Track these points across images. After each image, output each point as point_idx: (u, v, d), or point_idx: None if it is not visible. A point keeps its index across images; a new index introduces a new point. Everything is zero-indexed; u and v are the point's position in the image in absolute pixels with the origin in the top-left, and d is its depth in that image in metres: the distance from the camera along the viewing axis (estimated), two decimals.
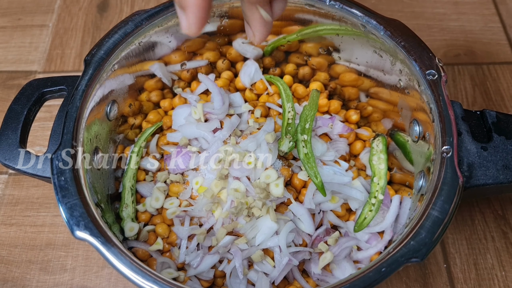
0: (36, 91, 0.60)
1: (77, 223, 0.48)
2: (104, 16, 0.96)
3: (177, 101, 0.71)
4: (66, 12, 0.97)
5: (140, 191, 0.66)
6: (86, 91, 0.57)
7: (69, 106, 0.55)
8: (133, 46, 0.62)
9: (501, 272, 0.68)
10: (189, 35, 0.41)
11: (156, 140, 0.69)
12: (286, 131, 0.65)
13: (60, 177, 0.50)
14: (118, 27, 0.61)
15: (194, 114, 0.67)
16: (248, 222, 0.58)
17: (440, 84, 0.55)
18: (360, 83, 0.70)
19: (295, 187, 0.64)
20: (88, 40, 0.93)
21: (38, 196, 0.76)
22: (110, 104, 0.63)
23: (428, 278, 0.68)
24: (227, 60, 0.74)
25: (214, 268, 0.59)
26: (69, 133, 0.53)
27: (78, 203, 0.49)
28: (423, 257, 0.45)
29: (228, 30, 0.70)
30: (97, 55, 0.59)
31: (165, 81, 0.72)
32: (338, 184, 0.63)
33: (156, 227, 0.63)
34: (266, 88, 0.73)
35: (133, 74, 0.66)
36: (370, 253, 0.61)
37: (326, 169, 0.63)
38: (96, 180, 0.58)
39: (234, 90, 0.74)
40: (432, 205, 0.48)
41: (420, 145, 0.58)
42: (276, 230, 0.58)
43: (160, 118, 0.71)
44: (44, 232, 0.72)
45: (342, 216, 0.64)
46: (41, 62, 0.90)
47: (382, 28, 0.59)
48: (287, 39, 0.71)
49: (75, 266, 0.69)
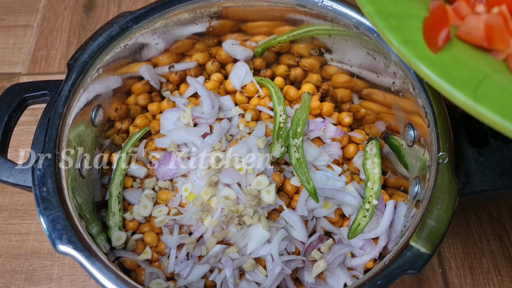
0: (18, 97, 0.57)
1: (59, 237, 0.46)
2: (91, 16, 0.94)
3: (165, 105, 0.69)
4: (51, 12, 0.94)
5: (128, 199, 0.63)
6: (69, 97, 0.54)
7: (52, 113, 0.53)
8: (118, 49, 0.60)
9: (497, 277, 0.67)
10: None
11: (143, 145, 0.66)
12: (277, 135, 0.63)
13: (42, 188, 0.48)
14: (102, 29, 0.59)
15: (182, 119, 0.65)
16: (239, 230, 0.56)
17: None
18: (353, 84, 0.69)
19: (287, 193, 0.62)
20: (74, 41, 0.90)
21: (22, 203, 0.73)
22: (95, 109, 0.60)
23: (423, 283, 0.66)
24: (217, 62, 0.72)
25: (204, 278, 0.57)
26: (51, 141, 0.51)
27: (61, 215, 0.47)
28: (419, 269, 0.43)
29: (218, 31, 0.68)
30: (80, 59, 0.57)
31: (153, 84, 0.70)
32: (331, 190, 0.61)
33: (144, 235, 0.61)
34: (257, 90, 0.71)
35: (120, 76, 0.64)
36: (365, 260, 0.59)
37: (319, 174, 0.62)
38: (81, 189, 0.56)
39: (224, 93, 0.72)
40: (428, 214, 0.46)
41: (415, 150, 0.57)
42: (268, 238, 0.56)
43: (148, 122, 0.69)
44: (29, 241, 0.70)
45: (335, 222, 0.63)
46: (25, 64, 0.87)
47: (375, 29, 0.58)
48: (278, 40, 0.69)
49: (61, 275, 0.67)
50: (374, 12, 0.41)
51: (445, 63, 0.38)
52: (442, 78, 0.36)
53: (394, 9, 0.41)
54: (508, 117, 0.33)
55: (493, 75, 0.37)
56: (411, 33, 0.40)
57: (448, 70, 0.37)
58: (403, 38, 0.39)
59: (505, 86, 0.36)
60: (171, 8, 0.61)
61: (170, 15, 0.61)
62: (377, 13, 0.41)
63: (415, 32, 0.40)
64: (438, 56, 0.38)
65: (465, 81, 0.36)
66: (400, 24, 0.40)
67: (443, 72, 0.37)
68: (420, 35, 0.40)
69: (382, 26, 0.40)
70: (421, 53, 0.38)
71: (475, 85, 0.35)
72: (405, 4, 0.42)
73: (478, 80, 0.36)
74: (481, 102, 0.34)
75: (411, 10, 0.42)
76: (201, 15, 0.64)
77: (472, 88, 0.35)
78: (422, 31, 0.41)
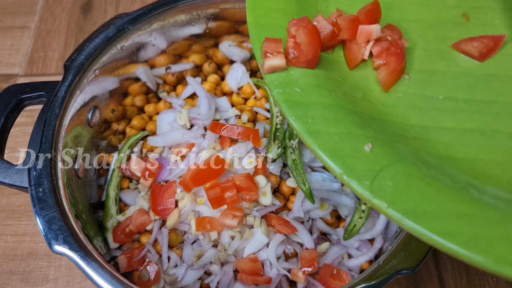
0: (14, 98, 0.57)
1: (55, 237, 0.46)
2: (88, 17, 0.94)
3: (162, 106, 0.69)
4: (48, 13, 0.94)
5: (124, 200, 0.64)
6: (65, 98, 0.55)
7: (48, 114, 0.53)
8: (115, 50, 0.60)
9: (492, 278, 0.67)
10: None
11: (140, 147, 0.67)
12: (274, 136, 0.63)
13: (38, 189, 0.48)
14: (99, 31, 0.59)
15: (179, 120, 0.65)
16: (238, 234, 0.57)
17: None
18: None
19: (283, 194, 0.62)
20: (72, 42, 0.90)
21: (19, 204, 0.73)
22: (91, 110, 0.61)
23: (419, 284, 0.66)
24: (214, 63, 0.73)
25: (200, 279, 0.57)
26: (47, 142, 0.51)
27: (57, 215, 0.47)
28: (414, 269, 0.44)
29: (215, 32, 0.69)
30: (77, 60, 0.57)
31: (149, 85, 0.70)
32: (327, 191, 0.61)
33: (140, 236, 0.61)
34: (254, 92, 0.71)
35: (117, 77, 0.64)
36: (361, 261, 0.60)
37: (315, 176, 0.62)
38: (77, 190, 0.56)
39: (220, 94, 0.73)
40: None
41: None
42: (266, 243, 0.56)
43: (145, 123, 0.69)
44: (26, 242, 0.70)
45: (331, 223, 0.63)
46: (22, 65, 0.88)
47: None
48: None
49: (57, 276, 0.67)
50: (283, 101, 0.41)
51: (345, 155, 0.38)
52: (343, 170, 0.37)
53: (301, 98, 0.41)
54: (402, 212, 0.35)
55: (391, 165, 0.38)
56: (315, 123, 0.40)
57: (348, 162, 0.38)
58: (307, 128, 0.39)
59: (400, 178, 0.37)
60: (167, 9, 0.61)
61: (167, 16, 0.62)
62: (286, 102, 0.41)
63: (319, 122, 0.40)
64: (339, 146, 0.39)
65: (363, 174, 0.37)
66: (306, 113, 0.40)
67: (343, 164, 0.38)
68: (323, 125, 0.40)
69: (289, 115, 0.40)
70: (323, 144, 0.39)
71: (372, 177, 0.37)
72: (312, 92, 0.42)
73: (375, 171, 0.37)
74: (376, 194, 0.36)
75: (317, 98, 0.42)
76: (198, 17, 0.65)
77: (370, 180, 0.37)
78: (324, 121, 0.41)
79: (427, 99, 0.45)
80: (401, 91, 0.45)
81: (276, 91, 0.42)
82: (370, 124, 0.41)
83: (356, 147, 0.39)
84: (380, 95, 0.45)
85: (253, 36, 0.45)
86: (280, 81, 0.42)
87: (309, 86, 0.42)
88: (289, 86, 0.42)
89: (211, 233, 0.56)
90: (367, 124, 0.41)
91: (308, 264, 0.57)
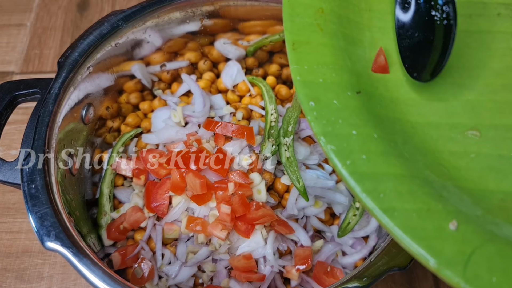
0: (8, 94, 0.57)
1: (47, 233, 0.46)
2: (84, 15, 0.94)
3: (156, 103, 0.69)
4: (45, 11, 0.94)
5: (118, 197, 0.64)
6: (59, 95, 0.55)
7: (41, 110, 0.53)
8: (109, 47, 0.60)
9: None
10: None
11: (134, 144, 0.67)
12: (268, 134, 0.63)
13: (31, 185, 0.48)
14: (93, 28, 0.59)
15: (173, 117, 0.65)
16: None
17: None
18: None
19: (277, 191, 0.62)
20: (68, 40, 0.90)
21: (14, 201, 0.73)
22: (85, 108, 0.61)
23: (414, 282, 0.66)
24: (209, 61, 0.73)
25: (194, 276, 0.57)
26: (40, 139, 0.51)
27: (49, 212, 0.47)
28: (406, 267, 0.43)
29: (210, 30, 0.68)
30: (71, 57, 0.57)
31: (144, 83, 0.70)
32: (321, 188, 0.61)
33: (134, 233, 0.61)
34: (249, 89, 0.71)
35: (112, 75, 0.64)
36: (355, 259, 0.60)
37: (309, 173, 0.62)
38: (71, 187, 0.56)
39: (215, 92, 0.72)
40: None
41: None
42: (263, 244, 0.56)
43: (139, 121, 0.69)
44: (21, 239, 0.70)
45: (326, 221, 0.63)
46: (18, 63, 0.87)
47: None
48: (269, 39, 0.69)
49: (52, 274, 0.67)
50: (350, 174, 0.35)
51: (428, 236, 0.33)
52: (430, 254, 0.32)
53: (367, 169, 0.36)
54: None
55: (482, 246, 0.32)
56: (388, 199, 0.35)
57: (434, 244, 0.32)
58: (380, 205, 0.34)
59: (496, 262, 0.32)
60: (161, 6, 0.61)
61: (161, 14, 0.62)
62: (352, 174, 0.35)
63: (392, 198, 0.35)
64: (420, 225, 0.33)
65: (452, 258, 0.32)
66: (376, 187, 0.35)
67: (429, 247, 0.32)
68: (398, 200, 0.35)
69: (358, 191, 0.34)
70: (402, 223, 0.33)
71: (464, 262, 0.32)
72: (379, 160, 0.36)
73: (466, 255, 0.32)
74: (472, 284, 0.31)
75: (386, 168, 0.36)
76: (193, 14, 0.65)
77: (461, 266, 0.31)
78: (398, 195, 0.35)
79: (504, 160, 0.39)
80: (473, 151, 0.40)
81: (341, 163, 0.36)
82: (448, 195, 0.36)
83: (440, 225, 0.33)
84: (451, 157, 0.40)
85: (302, 96, 0.39)
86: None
87: (374, 154, 0.36)
88: (354, 153, 0.36)
89: (199, 235, 0.56)
90: (445, 195, 0.36)
91: (302, 262, 0.57)
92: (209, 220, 0.56)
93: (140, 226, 0.60)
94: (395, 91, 0.43)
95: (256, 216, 0.55)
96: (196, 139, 0.61)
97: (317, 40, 0.42)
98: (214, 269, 0.56)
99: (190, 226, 0.56)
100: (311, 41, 0.42)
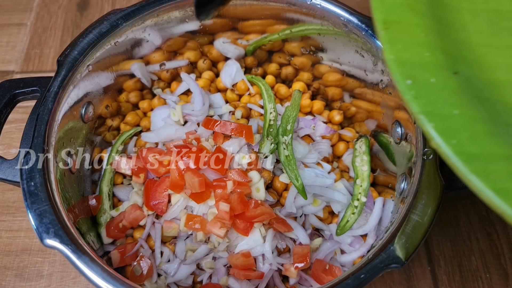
0: (8, 93, 0.57)
1: (46, 230, 0.46)
2: (84, 14, 0.94)
3: (156, 102, 0.70)
4: (45, 10, 0.94)
5: (117, 195, 0.64)
6: (58, 93, 0.55)
7: (41, 109, 0.53)
8: (109, 46, 0.60)
9: (485, 274, 0.67)
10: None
11: (134, 142, 0.67)
12: (267, 132, 0.64)
13: (30, 183, 0.49)
14: (92, 26, 0.59)
15: (173, 116, 0.65)
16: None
17: None
18: (344, 83, 0.69)
19: (276, 190, 0.62)
20: (68, 39, 0.90)
21: (14, 200, 0.74)
22: (85, 106, 0.61)
23: (412, 280, 0.67)
24: (208, 60, 0.73)
25: (193, 274, 0.57)
26: (40, 137, 0.51)
27: (48, 209, 0.47)
28: (403, 263, 0.44)
29: (209, 29, 0.69)
30: (70, 55, 0.57)
31: (144, 82, 0.70)
32: (320, 187, 0.61)
33: (134, 231, 0.61)
34: (248, 88, 0.71)
35: (112, 73, 0.64)
36: (353, 257, 0.60)
37: (308, 172, 0.62)
38: (70, 185, 0.56)
39: (215, 91, 0.73)
40: (412, 209, 0.47)
41: (402, 146, 0.57)
42: (261, 243, 0.57)
43: (139, 119, 0.69)
44: (20, 237, 0.70)
45: (324, 219, 0.63)
46: (18, 62, 0.88)
47: (363, 27, 0.58)
48: (268, 38, 0.69)
49: (52, 272, 0.67)
50: (456, 153, 0.33)
51: None
52: None
53: (474, 149, 0.34)
54: None
55: None
56: (499, 180, 0.33)
57: None
58: (493, 186, 0.32)
59: None
60: (161, 5, 0.61)
61: (160, 12, 0.62)
62: (459, 154, 0.33)
63: (503, 179, 0.33)
64: None
65: None
66: (485, 168, 0.33)
67: None
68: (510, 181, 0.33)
69: (465, 171, 0.32)
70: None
71: None
72: (486, 140, 0.35)
73: None
74: None
75: (494, 148, 0.34)
76: (192, 13, 0.65)
77: None
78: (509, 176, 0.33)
79: None
80: None
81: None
82: None
83: None
84: None
85: (398, 75, 0.38)
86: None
87: (480, 134, 0.35)
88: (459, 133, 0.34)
89: (198, 233, 0.56)
90: None
91: (301, 260, 0.57)
92: (208, 218, 0.56)
93: (139, 224, 0.60)
94: (491, 74, 0.43)
95: (255, 214, 0.55)
96: (195, 138, 0.62)
97: (409, 19, 0.41)
98: (213, 266, 0.56)
99: (189, 224, 0.56)
100: (403, 20, 0.41)
